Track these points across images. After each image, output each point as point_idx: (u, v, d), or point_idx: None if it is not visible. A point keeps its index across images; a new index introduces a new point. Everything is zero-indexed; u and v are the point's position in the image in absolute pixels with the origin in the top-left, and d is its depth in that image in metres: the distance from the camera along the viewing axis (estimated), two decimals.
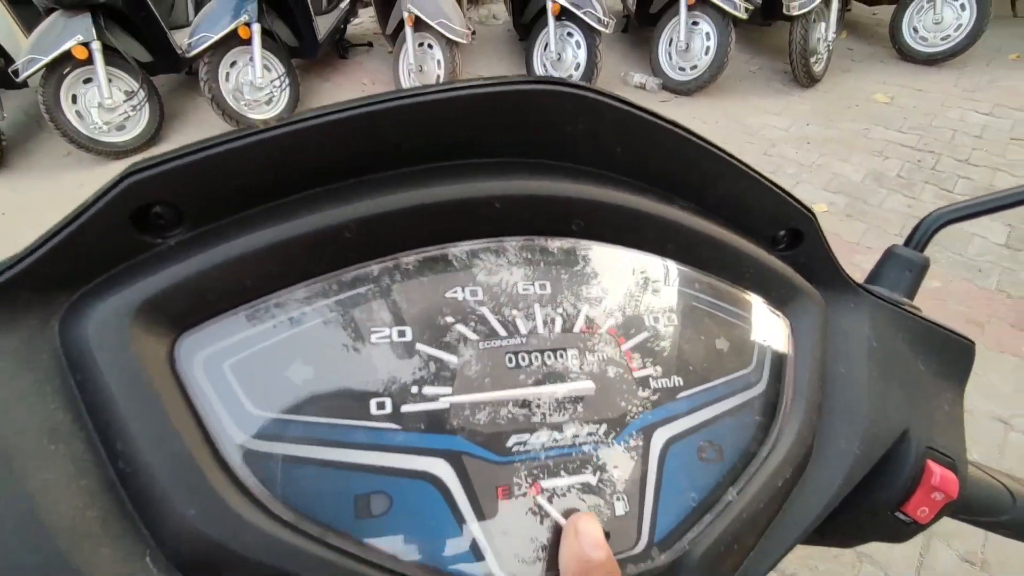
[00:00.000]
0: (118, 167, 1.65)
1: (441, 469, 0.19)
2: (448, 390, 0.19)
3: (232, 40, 2.77)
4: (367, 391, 0.19)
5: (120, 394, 0.16)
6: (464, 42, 2.78)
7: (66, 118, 2.63)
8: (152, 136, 2.88)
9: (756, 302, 0.25)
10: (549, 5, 2.80)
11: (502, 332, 0.20)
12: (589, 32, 2.83)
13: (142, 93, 2.81)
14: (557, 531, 0.19)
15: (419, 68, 2.93)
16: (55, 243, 0.16)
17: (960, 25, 3.10)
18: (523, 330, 0.21)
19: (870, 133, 2.69)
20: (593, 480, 0.20)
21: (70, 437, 0.16)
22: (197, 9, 3.33)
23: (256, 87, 2.90)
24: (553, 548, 0.18)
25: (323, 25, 3.21)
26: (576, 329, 0.21)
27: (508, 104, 0.19)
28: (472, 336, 0.20)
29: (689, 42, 2.96)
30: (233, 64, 2.88)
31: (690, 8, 2.85)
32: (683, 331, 0.23)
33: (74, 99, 2.68)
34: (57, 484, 0.15)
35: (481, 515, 0.19)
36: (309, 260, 0.19)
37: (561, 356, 0.21)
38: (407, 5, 2.73)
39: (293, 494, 0.17)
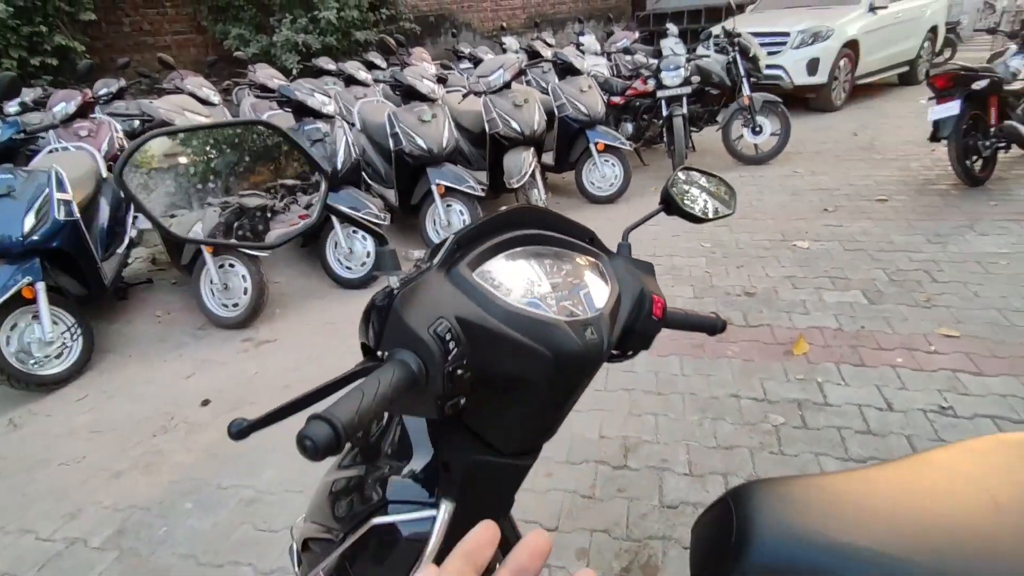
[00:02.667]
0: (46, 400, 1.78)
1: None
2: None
3: (13, 303, 2.72)
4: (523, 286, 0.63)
5: (462, 282, 0.59)
6: (267, 255, 3.17)
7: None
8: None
9: (594, 259, 0.75)
10: (334, 217, 3.40)
11: (543, 269, 0.67)
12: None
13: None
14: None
15: (224, 287, 3.19)
16: (441, 252, 0.59)
17: (616, 176, 4.57)
18: (549, 271, 0.68)
19: None
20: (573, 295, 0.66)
21: (464, 296, 0.58)
22: None
23: (45, 343, 2.82)
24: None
25: (108, 270, 3.29)
26: (563, 269, 0.69)
27: (524, 212, 0.69)
28: (533, 272, 0.66)
29: (449, 219, 3.81)
30: (14, 327, 2.78)
31: (442, 196, 3.73)
32: (584, 265, 0.71)
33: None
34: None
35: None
36: (496, 249, 0.64)
37: (558, 272, 0.68)
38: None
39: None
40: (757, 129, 5.02)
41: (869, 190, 4.35)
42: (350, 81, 5.33)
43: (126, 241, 3.64)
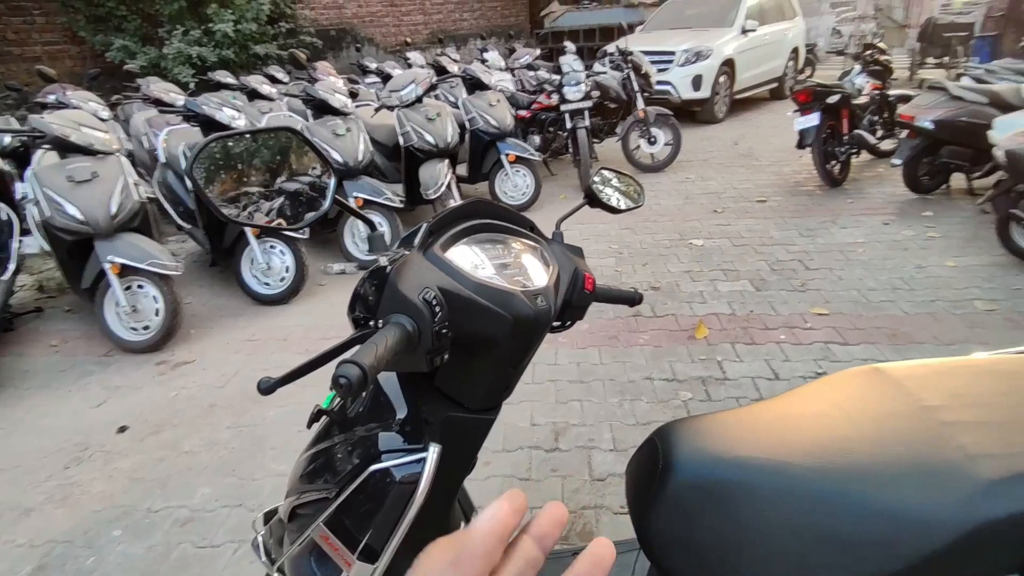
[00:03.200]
0: None
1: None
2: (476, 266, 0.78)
3: None
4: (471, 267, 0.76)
5: (437, 260, 0.70)
6: (178, 274, 3.05)
7: None
8: None
9: (536, 244, 0.90)
10: (248, 229, 3.33)
11: (493, 252, 0.80)
12: (290, 241, 3.44)
13: None
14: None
15: (132, 308, 3.04)
16: (419, 237, 0.71)
17: (528, 185, 4.81)
18: (500, 254, 0.81)
19: None
20: (523, 272, 0.81)
21: (440, 271, 0.70)
22: None
23: None
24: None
25: None
26: (512, 251, 0.82)
27: (479, 205, 0.83)
28: (483, 253, 0.79)
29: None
30: None
31: (361, 209, 3.76)
32: (528, 249, 0.86)
33: None
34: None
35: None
36: (458, 235, 0.76)
37: (508, 254, 0.82)
38: (108, 257, 2.91)
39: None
40: (652, 140, 5.46)
41: (750, 192, 4.88)
42: (253, 95, 5.21)
43: (11, 267, 3.36)
